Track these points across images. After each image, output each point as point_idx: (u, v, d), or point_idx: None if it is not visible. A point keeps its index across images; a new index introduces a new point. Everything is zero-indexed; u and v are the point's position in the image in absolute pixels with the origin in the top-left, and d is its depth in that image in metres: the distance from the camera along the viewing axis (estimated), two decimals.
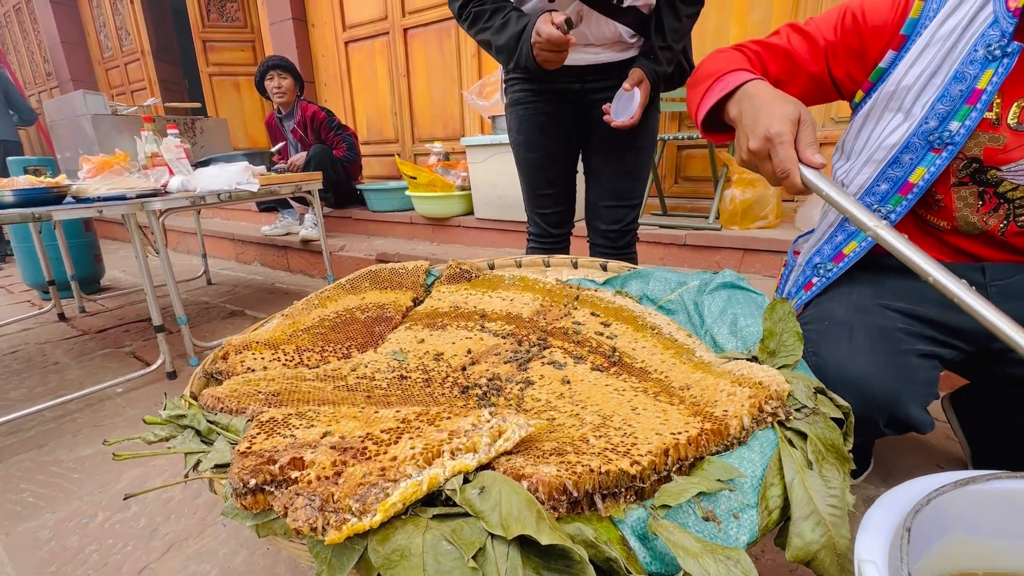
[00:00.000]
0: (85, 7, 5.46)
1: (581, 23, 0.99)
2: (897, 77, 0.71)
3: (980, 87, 0.66)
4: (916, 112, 0.70)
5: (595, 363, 0.75)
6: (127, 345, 1.94)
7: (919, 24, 0.70)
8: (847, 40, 0.74)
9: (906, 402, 0.66)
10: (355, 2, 3.29)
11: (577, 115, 1.19)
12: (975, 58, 0.66)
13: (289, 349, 0.80)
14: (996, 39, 0.64)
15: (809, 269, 0.87)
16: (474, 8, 1.06)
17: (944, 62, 0.68)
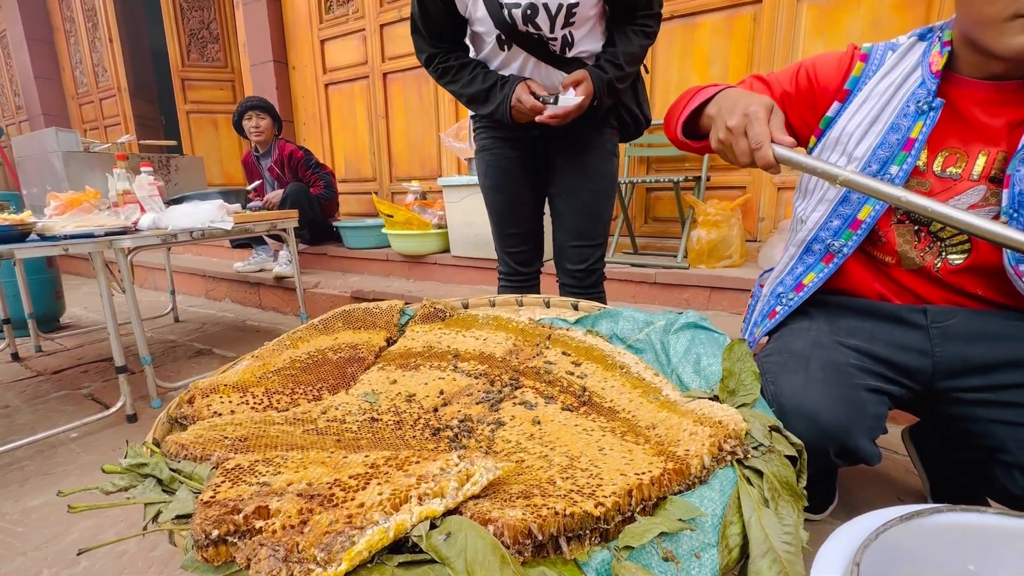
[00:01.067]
0: (62, 44, 5.46)
1: (552, 100, 1.08)
2: (842, 124, 0.80)
3: (913, 136, 0.74)
4: (859, 154, 0.78)
5: (565, 403, 0.77)
6: (85, 387, 1.86)
7: (860, 81, 0.80)
8: (801, 92, 0.84)
9: (856, 434, 0.69)
10: (336, 47, 3.40)
11: (539, 160, 1.26)
12: (907, 112, 0.74)
13: (258, 392, 0.79)
14: (924, 96, 0.73)
15: (773, 299, 0.92)
16: (440, 64, 1.17)
17: (881, 113, 0.77)
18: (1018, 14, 0.62)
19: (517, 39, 1.09)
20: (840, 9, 1.89)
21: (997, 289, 0.77)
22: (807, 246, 0.86)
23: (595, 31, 1.12)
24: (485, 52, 1.17)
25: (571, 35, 1.09)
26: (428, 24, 1.14)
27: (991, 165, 0.72)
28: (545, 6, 1.03)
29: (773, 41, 2.03)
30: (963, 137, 0.74)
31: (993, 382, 0.74)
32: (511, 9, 1.04)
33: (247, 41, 3.63)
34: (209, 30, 4.35)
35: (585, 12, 1.06)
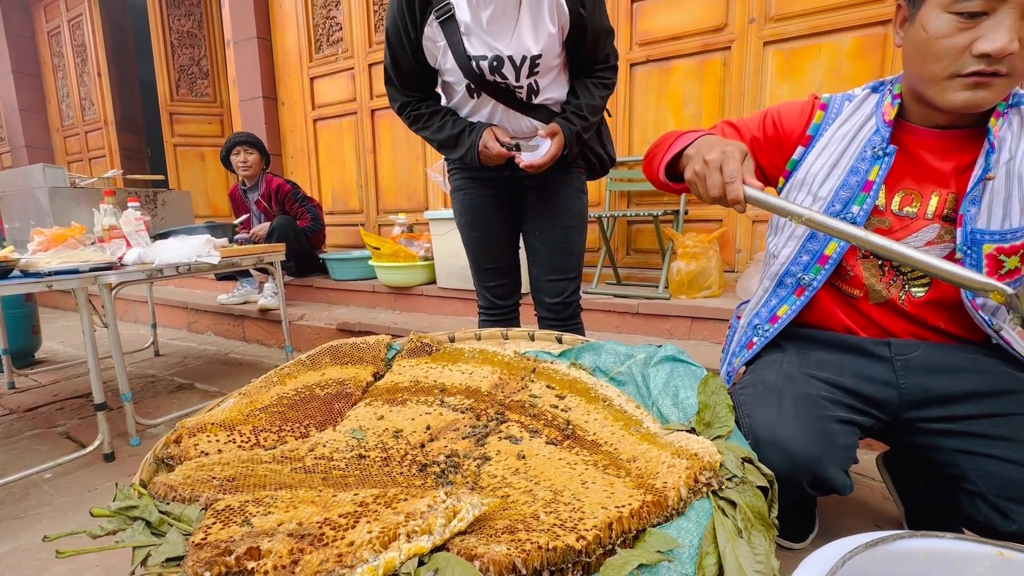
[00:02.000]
0: (49, 77, 5.49)
1: (515, 145, 1.16)
2: (807, 167, 0.86)
3: (871, 179, 0.80)
4: (823, 194, 0.84)
5: (550, 437, 0.78)
6: (60, 424, 1.81)
7: (821, 127, 0.87)
8: (768, 137, 0.90)
9: (826, 464, 0.72)
10: (325, 84, 3.49)
11: (511, 198, 1.33)
12: (865, 156, 0.81)
13: (245, 430, 0.80)
14: (879, 143, 0.80)
15: (750, 330, 0.96)
16: (412, 112, 1.24)
17: (841, 158, 0.83)
18: (956, 74, 0.69)
19: (485, 88, 1.16)
20: (802, 56, 2.03)
21: (958, 323, 0.82)
22: (779, 280, 0.91)
23: (559, 79, 1.20)
24: (455, 100, 1.24)
25: (536, 83, 1.16)
26: (400, 76, 1.21)
27: (943, 205, 0.78)
28: (510, 58, 1.11)
29: (742, 84, 2.15)
30: (917, 179, 0.80)
31: (954, 413, 0.78)
32: (479, 61, 1.12)
33: (237, 78, 3.71)
34: (199, 66, 4.43)
35: (548, 63, 1.14)
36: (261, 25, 3.55)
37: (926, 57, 0.71)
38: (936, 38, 0.69)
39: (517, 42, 1.10)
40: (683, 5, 2.24)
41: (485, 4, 1.07)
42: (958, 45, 0.67)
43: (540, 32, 1.09)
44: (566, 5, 1.08)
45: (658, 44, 2.31)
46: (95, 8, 4.73)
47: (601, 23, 1.15)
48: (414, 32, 1.13)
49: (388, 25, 1.16)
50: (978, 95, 0.69)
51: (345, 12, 3.28)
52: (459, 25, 1.10)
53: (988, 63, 0.66)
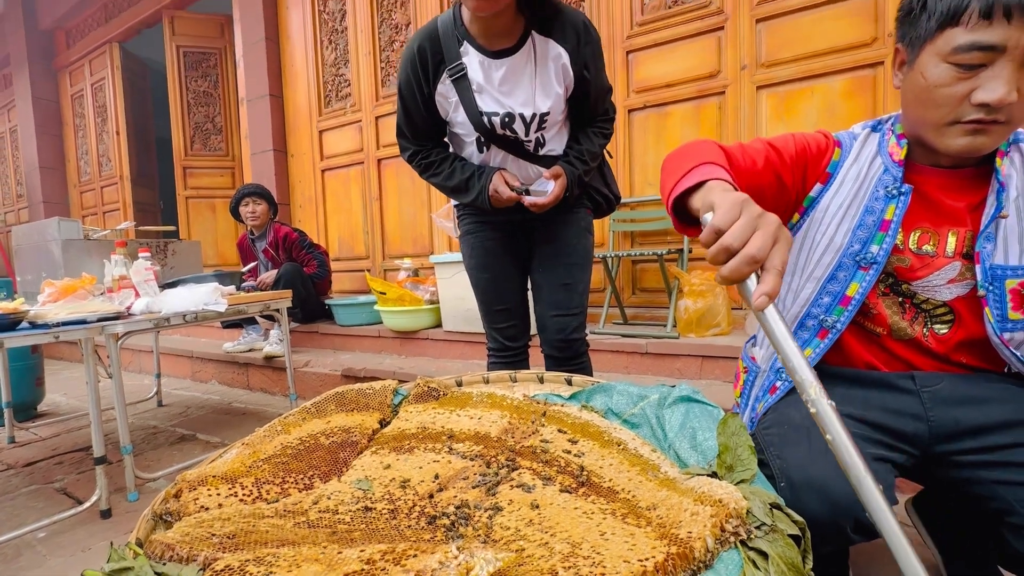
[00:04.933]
0: (70, 137, 5.74)
1: (525, 190, 1.21)
2: (824, 205, 0.85)
3: (887, 218, 0.79)
4: (840, 236, 0.82)
5: (564, 484, 0.75)
6: (58, 480, 1.77)
7: (838, 166, 0.86)
8: (799, 162, 0.86)
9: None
10: (333, 136, 3.62)
11: (520, 240, 1.35)
12: (878, 196, 0.80)
13: (247, 482, 0.77)
14: (891, 182, 0.79)
15: (772, 374, 0.93)
16: (422, 160, 1.28)
17: (856, 197, 0.82)
18: (957, 120, 0.70)
19: (495, 140, 1.21)
20: (796, 98, 2.09)
21: (982, 357, 0.79)
22: (801, 322, 0.89)
23: (562, 132, 1.26)
24: (465, 151, 1.28)
25: (543, 136, 1.22)
26: (412, 127, 1.26)
27: (962, 243, 0.77)
28: (521, 115, 1.16)
29: (738, 126, 2.21)
30: (932, 219, 0.79)
31: (988, 444, 0.74)
32: (491, 117, 1.17)
33: (249, 132, 3.85)
34: (213, 123, 4.63)
35: (554, 118, 1.20)
36: (274, 84, 3.73)
37: (926, 103, 0.72)
38: (936, 86, 0.69)
39: (528, 100, 1.15)
40: (676, 54, 2.34)
41: (497, 66, 1.13)
42: (958, 94, 0.68)
43: (548, 92, 1.16)
44: (571, 69, 1.14)
45: (654, 91, 2.40)
46: (117, 73, 5.00)
47: (602, 83, 1.21)
48: (427, 88, 1.18)
49: (401, 80, 1.21)
50: (978, 141, 0.69)
51: (354, 70, 3.45)
52: (471, 83, 1.15)
53: (987, 112, 0.66)
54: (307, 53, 3.63)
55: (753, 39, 2.15)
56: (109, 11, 4.96)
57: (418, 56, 1.16)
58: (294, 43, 3.70)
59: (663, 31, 2.35)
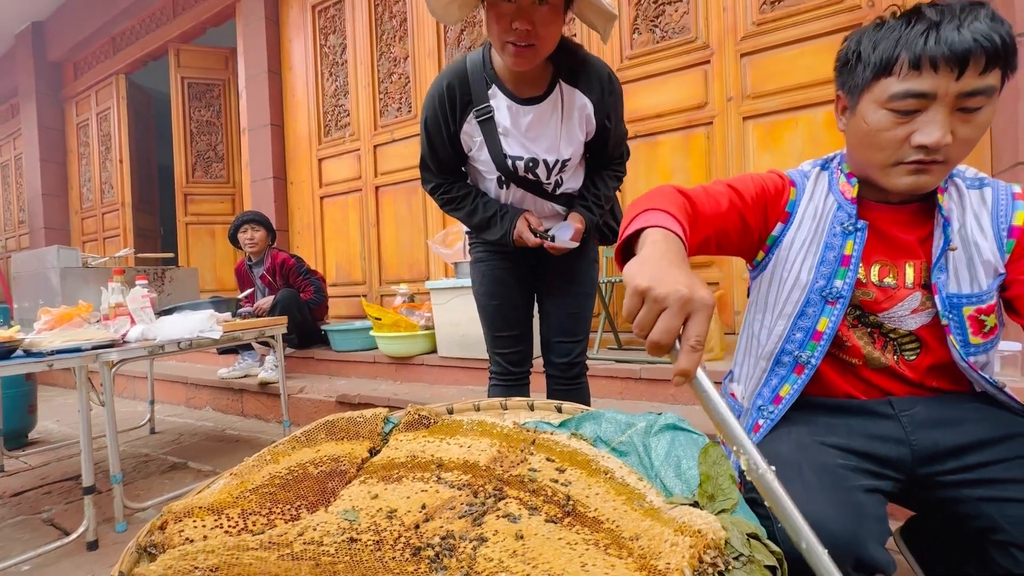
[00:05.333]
0: (73, 165, 5.83)
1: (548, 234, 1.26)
2: (787, 243, 0.88)
3: (847, 253, 0.82)
4: (805, 272, 0.85)
5: (550, 514, 0.75)
6: (45, 510, 1.74)
7: (795, 204, 0.89)
8: (760, 203, 0.89)
9: (866, 542, 0.67)
10: (332, 164, 3.69)
11: (530, 269, 1.38)
12: (836, 232, 0.83)
13: (234, 513, 0.77)
14: (846, 219, 0.82)
15: (755, 412, 0.93)
16: (444, 194, 1.31)
17: (816, 234, 0.85)
18: (899, 161, 0.74)
19: (516, 181, 1.25)
20: (781, 128, 2.15)
21: (951, 380, 0.82)
22: (776, 358, 0.90)
23: (578, 173, 1.31)
24: (484, 185, 1.32)
25: (562, 179, 1.26)
26: (436, 162, 1.29)
27: (919, 274, 0.80)
28: (544, 161, 1.21)
29: (726, 155, 2.27)
30: (888, 252, 0.82)
31: (968, 463, 0.76)
32: (515, 160, 1.21)
33: (250, 160, 3.93)
34: (215, 151, 4.72)
35: (574, 162, 1.25)
36: (275, 113, 3.82)
37: (870, 146, 0.76)
38: (877, 131, 0.73)
39: (552, 147, 1.20)
40: (665, 86, 2.42)
41: (525, 112, 1.17)
42: (898, 137, 0.72)
43: (572, 140, 1.20)
44: (595, 118, 1.19)
45: (645, 121, 2.47)
46: (123, 103, 5.12)
47: (621, 131, 1.26)
48: (453, 126, 1.21)
49: (427, 116, 1.23)
50: (921, 179, 0.73)
51: (353, 101, 3.54)
52: (498, 126, 1.19)
53: (927, 153, 0.70)
54: (308, 84, 3.73)
55: (738, 72, 2.22)
56: (117, 44, 5.11)
57: (447, 93, 1.18)
58: (296, 75, 3.81)
59: (652, 64, 2.43)
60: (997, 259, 0.77)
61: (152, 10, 4.67)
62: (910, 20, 0.71)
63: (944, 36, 0.66)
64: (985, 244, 0.77)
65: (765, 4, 2.16)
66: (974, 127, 0.70)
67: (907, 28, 0.70)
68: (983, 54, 0.66)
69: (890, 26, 0.73)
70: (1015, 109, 1.62)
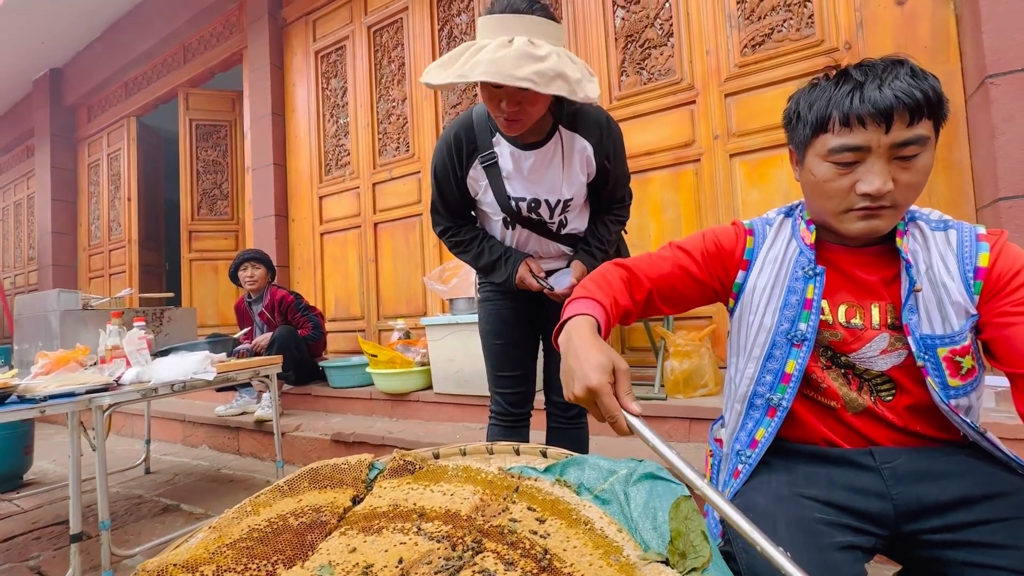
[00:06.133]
0: (83, 203, 5.98)
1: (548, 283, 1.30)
2: (749, 289, 0.90)
3: (809, 297, 0.83)
4: (768, 317, 0.86)
5: (525, 569, 0.74)
6: (33, 557, 1.73)
7: (754, 251, 0.91)
8: (711, 254, 0.93)
9: None
10: (332, 202, 3.77)
11: (535, 309, 1.41)
12: (797, 276, 0.85)
13: (208, 571, 0.76)
14: (806, 264, 0.85)
15: (734, 457, 0.93)
16: (452, 237, 1.36)
17: (777, 279, 0.87)
18: (849, 208, 0.76)
19: (521, 221, 1.30)
20: (767, 165, 2.20)
21: (937, 426, 0.81)
22: (750, 401, 0.90)
23: (583, 214, 1.35)
24: (491, 226, 1.37)
25: (566, 219, 1.30)
26: (446, 205, 1.34)
27: (885, 315, 0.81)
28: (547, 201, 1.25)
29: (715, 191, 2.31)
30: (854, 293, 0.84)
31: (951, 522, 0.74)
32: (518, 202, 1.26)
33: (253, 199, 4.02)
34: (220, 189, 4.83)
35: (577, 202, 1.29)
36: (278, 153, 3.93)
37: (820, 196, 0.79)
38: (823, 181, 0.77)
39: (554, 188, 1.24)
40: (653, 125, 2.48)
41: (527, 156, 1.22)
42: (843, 187, 0.75)
43: (573, 181, 1.24)
44: (595, 160, 1.23)
45: (635, 158, 2.52)
46: (133, 144, 5.29)
47: (621, 172, 1.30)
48: (460, 172, 1.28)
49: (436, 163, 1.30)
50: (873, 224, 0.76)
51: (353, 141, 3.65)
52: (501, 171, 1.25)
53: (872, 200, 0.73)
54: (310, 125, 3.86)
55: (723, 112, 2.29)
56: (129, 89, 5.31)
57: (454, 143, 1.26)
58: (299, 116, 3.94)
59: (640, 104, 2.51)
60: (966, 300, 0.77)
61: (164, 57, 4.88)
62: (838, 81, 0.75)
63: (867, 95, 0.71)
64: (953, 285, 0.78)
65: (746, 47, 2.24)
66: (914, 173, 0.73)
67: (835, 89, 0.75)
68: (905, 109, 0.69)
69: (822, 87, 0.77)
70: (991, 147, 1.65)
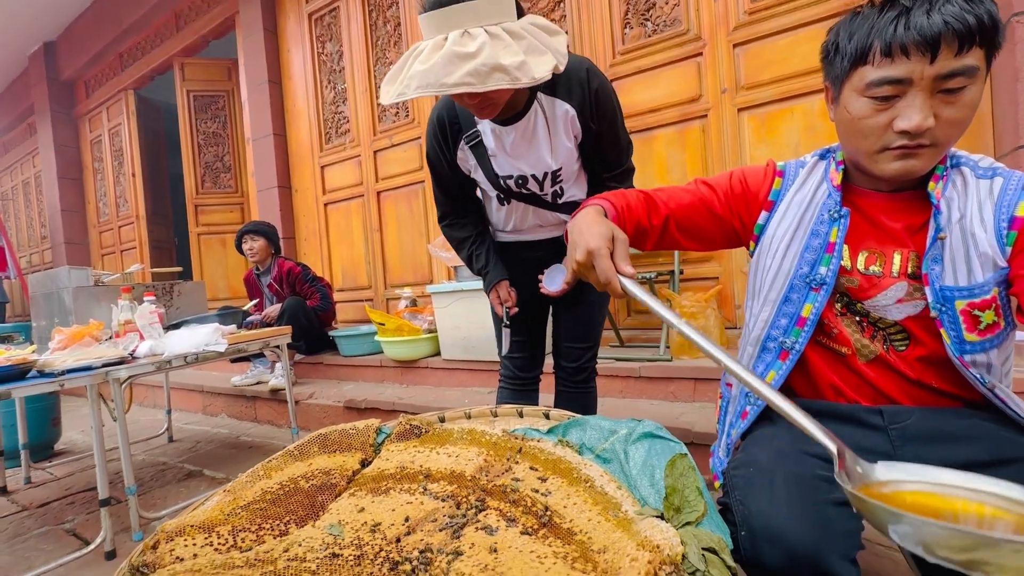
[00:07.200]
0: (89, 181, 5.99)
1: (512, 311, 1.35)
2: (771, 231, 0.88)
3: (832, 240, 0.82)
4: (788, 261, 0.85)
5: (526, 525, 0.77)
6: (68, 520, 1.82)
7: (780, 193, 0.90)
8: (736, 194, 0.92)
9: (828, 557, 0.67)
10: (334, 171, 3.73)
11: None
12: (823, 219, 0.83)
13: (224, 531, 0.80)
14: (832, 206, 0.82)
15: (743, 399, 0.94)
16: (448, 228, 1.39)
17: (801, 222, 0.85)
18: (885, 148, 0.73)
19: (515, 197, 1.28)
20: (776, 119, 2.12)
21: (952, 381, 0.79)
22: (763, 344, 0.91)
23: (580, 181, 1.30)
24: (491, 204, 1.36)
25: (561, 188, 1.27)
26: (443, 188, 1.34)
27: (906, 263, 0.79)
28: (533, 176, 1.22)
29: (722, 148, 2.24)
30: (877, 239, 0.82)
31: None
32: (505, 179, 1.24)
33: (255, 171, 4.00)
34: (223, 162, 4.80)
35: (568, 171, 1.24)
36: (277, 123, 3.88)
37: (855, 135, 0.75)
38: (859, 119, 0.73)
39: (537, 161, 1.21)
40: (659, 81, 2.39)
41: (507, 132, 1.19)
42: (880, 124, 0.72)
43: (559, 149, 1.20)
44: (578, 121, 1.18)
45: (640, 116, 2.45)
46: (132, 119, 5.24)
47: (613, 134, 1.21)
48: (449, 154, 1.27)
49: (428, 149, 1.30)
50: (909, 164, 0.72)
51: (352, 107, 3.57)
52: (486, 149, 1.23)
53: (910, 138, 0.70)
54: (308, 93, 3.78)
55: (731, 63, 2.19)
56: (125, 61, 5.22)
57: (438, 125, 1.25)
58: (295, 84, 3.85)
59: (644, 58, 2.41)
60: (996, 252, 0.73)
61: (156, 25, 4.76)
62: (883, 8, 0.71)
63: (914, 22, 0.66)
64: (983, 236, 0.74)
65: None
66: (959, 108, 0.69)
67: (879, 16, 0.70)
68: (955, 36, 0.65)
69: (864, 15, 0.73)
70: (1015, 91, 1.57)
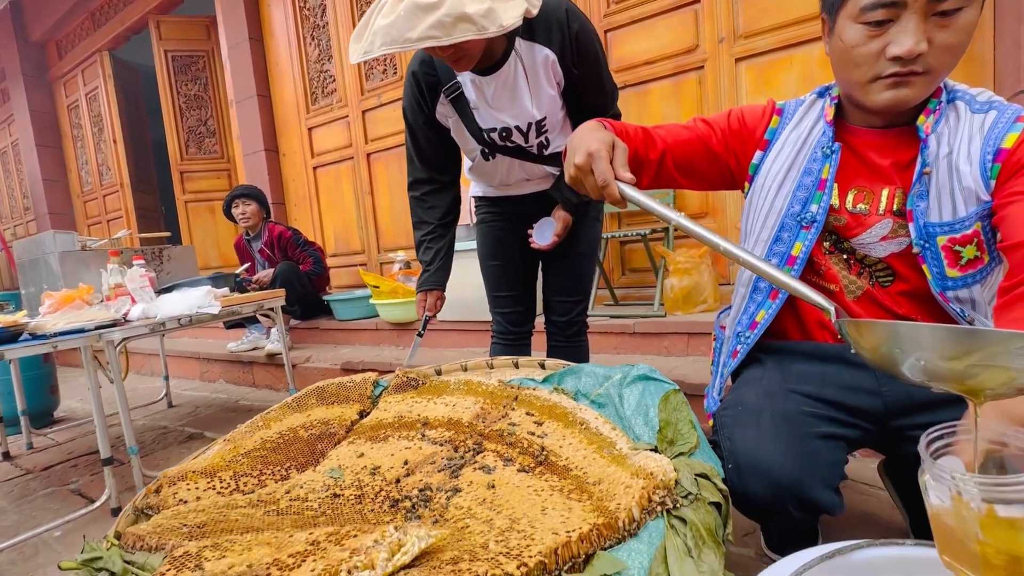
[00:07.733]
0: (69, 148, 5.81)
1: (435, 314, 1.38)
2: (765, 170, 0.88)
3: (824, 177, 0.82)
4: (780, 200, 0.85)
5: (523, 464, 0.79)
6: (73, 482, 1.85)
7: (777, 132, 0.89)
8: (734, 131, 0.91)
9: (810, 485, 0.70)
10: (322, 133, 3.63)
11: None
12: (816, 157, 0.83)
13: (226, 476, 0.81)
14: (825, 143, 0.82)
15: (734, 338, 0.96)
16: (414, 198, 1.38)
17: (796, 160, 0.85)
18: (877, 76, 0.72)
19: (499, 151, 1.25)
20: (775, 68, 2.07)
21: (935, 315, 0.80)
22: (754, 284, 0.91)
23: (566, 131, 1.26)
24: (475, 161, 1.32)
25: (546, 139, 1.23)
26: (419, 150, 1.30)
27: (892, 200, 0.79)
28: (517, 127, 1.19)
29: (718, 100, 2.19)
30: (867, 176, 0.81)
31: (938, 419, 0.75)
32: (489, 132, 1.20)
33: (240, 134, 3.88)
34: (206, 126, 4.66)
35: (553, 120, 1.20)
36: (260, 83, 3.74)
37: (847, 64, 0.74)
38: (852, 47, 0.72)
39: (520, 112, 1.17)
40: (654, 31, 2.31)
41: (487, 83, 1.15)
42: (873, 51, 0.70)
43: (541, 97, 1.16)
44: (560, 67, 1.14)
45: (634, 69, 2.38)
46: (110, 82, 5.03)
47: (596, 78, 1.18)
48: (427, 109, 1.23)
49: (405, 104, 1.25)
50: (901, 93, 0.71)
51: (337, 65, 3.45)
52: (468, 102, 1.19)
53: (903, 64, 0.68)
54: (291, 51, 3.63)
55: (730, 10, 2.12)
56: (97, 20, 4.97)
57: (414, 80, 1.20)
58: (278, 41, 3.70)
59: (639, 7, 2.32)
60: (979, 185, 0.73)
61: None
62: None
63: None
64: (968, 170, 0.73)
65: None
66: (954, 32, 0.67)
67: None
68: None
69: None
70: (1018, 33, 1.53)
